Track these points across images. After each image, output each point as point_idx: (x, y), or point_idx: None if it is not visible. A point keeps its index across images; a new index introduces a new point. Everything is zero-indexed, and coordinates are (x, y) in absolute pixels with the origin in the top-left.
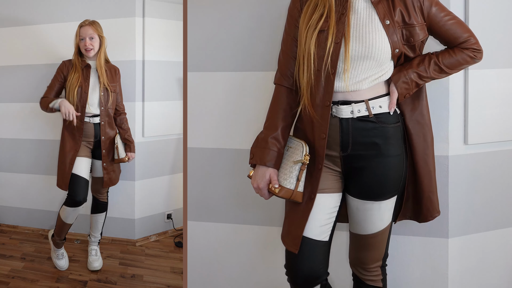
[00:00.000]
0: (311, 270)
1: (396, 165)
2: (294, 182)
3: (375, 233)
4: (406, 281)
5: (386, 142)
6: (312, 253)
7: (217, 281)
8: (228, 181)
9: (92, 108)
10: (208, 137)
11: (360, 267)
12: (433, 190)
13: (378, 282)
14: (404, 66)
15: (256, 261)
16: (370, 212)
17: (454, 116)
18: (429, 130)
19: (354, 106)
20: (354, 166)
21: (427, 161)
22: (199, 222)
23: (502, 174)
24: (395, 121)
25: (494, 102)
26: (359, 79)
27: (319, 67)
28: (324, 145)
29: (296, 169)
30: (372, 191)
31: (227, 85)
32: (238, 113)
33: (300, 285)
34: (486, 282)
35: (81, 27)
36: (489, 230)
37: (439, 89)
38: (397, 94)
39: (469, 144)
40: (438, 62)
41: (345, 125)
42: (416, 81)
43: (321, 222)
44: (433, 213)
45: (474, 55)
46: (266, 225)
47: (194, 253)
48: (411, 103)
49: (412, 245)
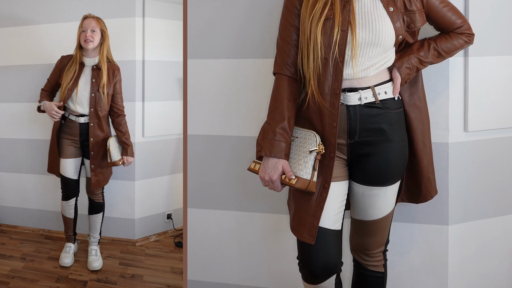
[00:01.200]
0: (329, 260)
1: (401, 150)
2: (310, 172)
3: (380, 218)
4: (406, 268)
5: (391, 128)
6: (329, 243)
7: (217, 268)
8: (228, 168)
9: (79, 108)
10: (208, 124)
11: (363, 253)
12: (431, 170)
13: (380, 267)
14: (405, 52)
15: (256, 247)
16: (377, 198)
17: (454, 103)
18: (426, 113)
19: (361, 93)
20: (360, 152)
21: (425, 143)
22: (199, 209)
23: (502, 161)
24: (398, 106)
25: (494, 89)
26: (366, 66)
27: (326, 55)
28: (336, 133)
29: (311, 159)
30: (379, 177)
31: (227, 72)
32: (238, 100)
33: (317, 276)
34: (486, 269)
35: (84, 18)
36: (489, 217)
37: (439, 76)
38: (400, 79)
39: (469, 131)
40: (437, 47)
41: (353, 112)
42: (417, 66)
43: (335, 210)
44: (432, 192)
45: (468, 39)
46: (266, 212)
47: (194, 239)
48: (409, 88)
49: (412, 232)
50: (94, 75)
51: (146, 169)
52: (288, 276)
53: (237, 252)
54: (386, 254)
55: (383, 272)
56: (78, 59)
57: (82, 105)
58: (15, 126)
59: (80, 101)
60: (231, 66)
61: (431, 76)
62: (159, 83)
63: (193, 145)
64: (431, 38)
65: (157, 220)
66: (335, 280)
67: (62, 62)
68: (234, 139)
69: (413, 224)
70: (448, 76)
